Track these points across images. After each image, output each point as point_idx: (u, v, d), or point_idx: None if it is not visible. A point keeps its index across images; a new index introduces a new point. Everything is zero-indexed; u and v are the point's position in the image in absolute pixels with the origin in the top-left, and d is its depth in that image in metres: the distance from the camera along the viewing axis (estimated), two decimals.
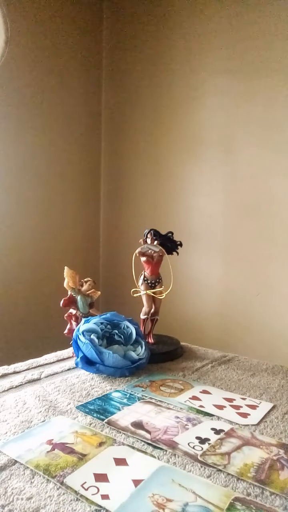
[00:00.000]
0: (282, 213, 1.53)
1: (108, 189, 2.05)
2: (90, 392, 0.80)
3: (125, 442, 0.62)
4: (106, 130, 2.04)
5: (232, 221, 1.66)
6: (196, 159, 1.75)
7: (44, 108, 1.77)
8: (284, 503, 0.50)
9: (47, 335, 1.71)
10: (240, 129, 1.62)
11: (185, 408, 0.74)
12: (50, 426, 0.66)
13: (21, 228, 1.72)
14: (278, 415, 0.72)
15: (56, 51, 1.80)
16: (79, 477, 0.53)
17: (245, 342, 1.62)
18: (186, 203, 1.79)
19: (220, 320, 1.71)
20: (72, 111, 1.89)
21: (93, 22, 1.96)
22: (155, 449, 0.60)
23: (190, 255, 1.69)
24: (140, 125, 1.92)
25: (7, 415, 0.70)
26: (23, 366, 0.93)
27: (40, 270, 1.77)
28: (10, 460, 0.57)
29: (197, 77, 1.72)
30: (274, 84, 1.52)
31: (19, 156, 1.69)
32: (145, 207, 1.92)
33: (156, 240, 1.01)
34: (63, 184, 1.88)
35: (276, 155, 1.54)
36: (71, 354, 1.02)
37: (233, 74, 1.62)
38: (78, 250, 1.97)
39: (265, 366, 0.97)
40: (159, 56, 1.84)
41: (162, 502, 0.48)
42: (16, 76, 1.65)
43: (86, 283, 1.00)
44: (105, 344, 0.90)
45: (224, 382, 0.88)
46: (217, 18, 1.65)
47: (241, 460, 0.58)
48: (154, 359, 0.96)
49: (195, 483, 0.53)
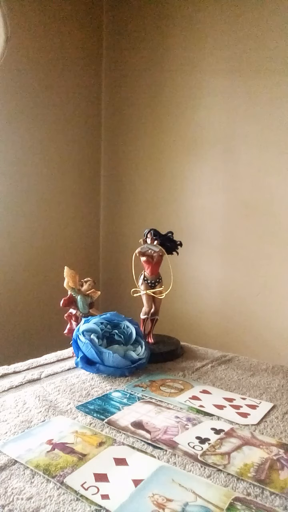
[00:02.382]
0: (282, 213, 1.53)
1: (108, 189, 2.05)
2: (90, 392, 0.80)
3: (125, 442, 0.62)
4: (106, 130, 2.04)
5: (232, 221, 1.66)
6: (196, 159, 1.75)
7: (44, 107, 1.77)
8: (284, 503, 0.50)
9: (47, 335, 1.71)
10: (240, 129, 1.62)
11: (185, 408, 0.74)
12: (50, 426, 0.66)
13: (21, 228, 1.72)
14: (278, 415, 0.72)
15: (56, 51, 1.80)
16: (79, 477, 0.53)
17: (245, 342, 1.62)
18: (186, 203, 1.79)
19: (220, 320, 1.71)
20: (72, 111, 1.89)
21: (93, 22, 1.96)
22: (155, 449, 0.60)
23: (190, 255, 1.69)
24: (140, 125, 1.92)
25: (7, 415, 0.70)
26: (23, 366, 0.93)
27: (40, 270, 1.78)
28: (10, 460, 0.57)
29: (197, 77, 1.72)
30: (274, 84, 1.52)
31: (19, 156, 1.69)
32: (145, 207, 1.92)
33: (156, 240, 1.01)
34: (63, 184, 1.88)
35: (276, 155, 1.54)
36: (71, 354, 1.02)
37: (233, 74, 1.62)
38: (78, 250, 1.97)
39: (265, 366, 0.97)
40: (159, 56, 1.84)
41: (162, 502, 0.48)
42: (16, 76, 1.65)
43: (86, 283, 1.00)
44: (105, 344, 0.90)
45: (224, 382, 0.88)
46: (217, 18, 1.65)
47: (241, 460, 0.58)
48: (154, 359, 0.96)
49: (195, 483, 0.53)
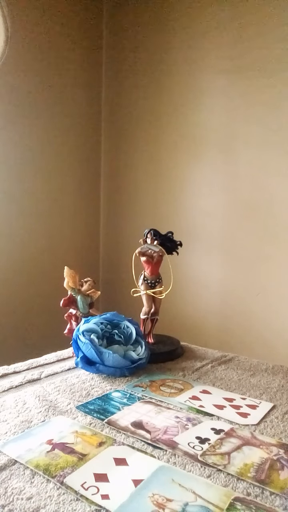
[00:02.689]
0: (282, 213, 1.53)
1: (108, 189, 2.05)
2: (90, 392, 0.80)
3: (125, 442, 0.62)
4: (106, 130, 2.04)
5: (232, 221, 1.66)
6: (196, 159, 1.75)
7: (44, 108, 1.77)
8: (284, 503, 0.50)
9: (47, 335, 1.70)
10: (240, 129, 1.62)
11: (185, 408, 0.74)
12: (50, 426, 0.66)
13: (21, 228, 1.72)
14: (278, 415, 0.72)
15: (56, 51, 1.80)
16: (79, 477, 0.53)
17: (245, 342, 1.62)
18: (186, 203, 1.79)
19: (220, 320, 1.71)
20: (72, 111, 1.89)
21: (94, 22, 1.96)
22: (155, 449, 0.60)
23: (190, 255, 1.69)
24: (140, 125, 1.92)
25: (7, 415, 0.70)
26: (23, 366, 0.93)
27: (40, 270, 1.77)
28: (10, 460, 0.57)
29: (197, 77, 1.72)
30: (274, 84, 1.52)
31: (19, 156, 1.69)
32: (145, 207, 1.92)
33: (156, 240, 1.01)
34: (63, 184, 1.88)
35: (276, 155, 1.54)
36: (71, 354, 1.02)
37: (233, 74, 1.62)
38: (78, 250, 1.97)
39: (265, 366, 0.97)
40: (159, 56, 1.84)
41: (162, 502, 0.48)
42: (15, 75, 1.65)
43: (86, 283, 1.00)
44: (105, 344, 0.90)
45: (224, 382, 0.88)
46: (217, 18, 1.65)
47: (241, 460, 0.58)
48: (154, 359, 0.96)
49: (195, 483, 0.53)
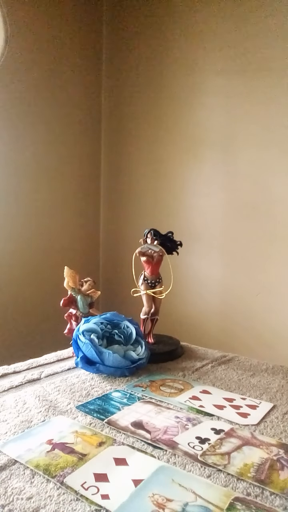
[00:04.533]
0: (282, 213, 1.53)
1: (108, 189, 2.05)
2: (90, 392, 0.80)
3: (125, 442, 0.62)
4: (106, 130, 2.04)
5: (232, 221, 1.66)
6: (196, 159, 1.75)
7: (44, 107, 1.77)
8: (284, 503, 0.50)
9: (47, 335, 1.71)
10: (240, 129, 1.62)
11: (185, 408, 0.74)
12: (50, 426, 0.66)
13: (21, 228, 1.72)
14: (278, 415, 0.72)
15: (56, 51, 1.80)
16: (79, 477, 0.53)
17: (245, 342, 1.62)
18: (186, 203, 1.79)
19: (220, 320, 1.71)
20: (72, 111, 1.89)
21: (93, 21, 1.96)
22: (155, 449, 0.60)
23: (190, 255, 1.69)
24: (140, 125, 1.92)
25: (7, 415, 0.70)
26: (23, 366, 0.93)
27: (40, 270, 1.77)
28: (10, 460, 0.57)
29: (197, 77, 1.72)
30: (274, 84, 1.52)
31: (19, 156, 1.69)
32: (145, 207, 1.92)
33: (156, 240, 1.01)
34: (63, 184, 1.88)
35: (276, 155, 1.54)
36: (71, 354, 1.02)
37: (233, 74, 1.62)
38: (78, 250, 1.97)
39: (265, 366, 0.97)
40: (159, 56, 1.84)
41: (162, 502, 0.48)
42: (16, 75, 1.65)
43: (86, 283, 1.00)
44: (105, 344, 0.90)
45: (224, 382, 0.88)
46: (217, 18, 1.65)
47: (241, 460, 0.58)
48: (154, 359, 0.96)
49: (195, 483, 0.52)
